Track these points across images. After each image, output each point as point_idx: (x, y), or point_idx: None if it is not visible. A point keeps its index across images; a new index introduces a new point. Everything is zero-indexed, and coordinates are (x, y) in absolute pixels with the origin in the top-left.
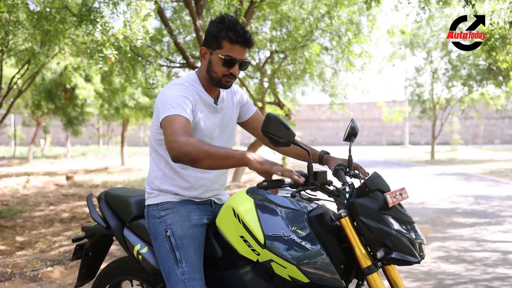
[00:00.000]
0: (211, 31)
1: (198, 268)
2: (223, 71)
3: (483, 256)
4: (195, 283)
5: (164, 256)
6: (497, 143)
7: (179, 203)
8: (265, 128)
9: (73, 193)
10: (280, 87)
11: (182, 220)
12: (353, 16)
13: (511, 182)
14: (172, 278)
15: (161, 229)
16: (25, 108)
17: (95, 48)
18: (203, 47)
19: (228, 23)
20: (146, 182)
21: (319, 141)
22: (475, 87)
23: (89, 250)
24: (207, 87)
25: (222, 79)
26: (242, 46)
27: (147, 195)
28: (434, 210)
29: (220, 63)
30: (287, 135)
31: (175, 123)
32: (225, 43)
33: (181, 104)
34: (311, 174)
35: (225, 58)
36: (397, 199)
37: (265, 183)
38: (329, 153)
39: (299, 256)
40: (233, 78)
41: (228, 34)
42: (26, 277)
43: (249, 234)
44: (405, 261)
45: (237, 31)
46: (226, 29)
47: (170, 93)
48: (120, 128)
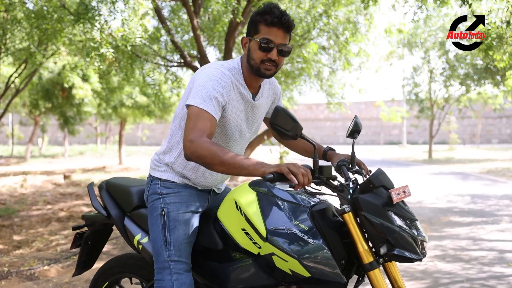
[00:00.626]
0: (251, 18)
1: (185, 252)
2: (261, 56)
3: (480, 255)
4: (180, 266)
5: (156, 235)
6: (495, 143)
7: (182, 186)
8: (273, 121)
9: (71, 192)
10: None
11: (180, 203)
12: (350, 15)
13: (508, 181)
14: (160, 258)
15: (158, 206)
16: (22, 107)
17: (92, 47)
18: (244, 37)
19: (265, 7)
20: (157, 153)
21: (316, 140)
22: (473, 86)
23: (89, 239)
24: (248, 79)
25: (260, 66)
26: (280, 29)
27: (154, 166)
28: (431, 209)
29: (257, 48)
30: (294, 128)
31: (200, 120)
32: (262, 27)
33: (211, 98)
34: (316, 168)
35: (261, 41)
36: (401, 196)
37: (271, 175)
38: (334, 150)
39: (301, 250)
40: (273, 65)
41: (264, 16)
42: (23, 275)
43: (251, 227)
44: (407, 258)
45: (274, 13)
46: (263, 12)
47: (209, 78)
48: (117, 127)
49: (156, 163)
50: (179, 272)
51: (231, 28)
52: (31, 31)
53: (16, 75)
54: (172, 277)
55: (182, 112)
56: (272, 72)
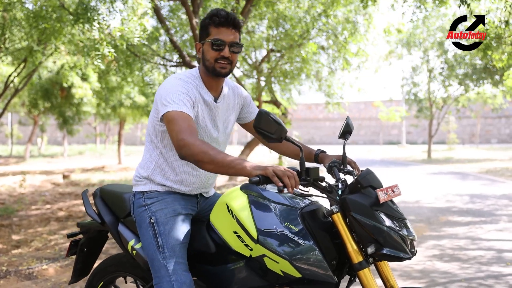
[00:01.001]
0: (201, 24)
1: (180, 253)
2: (214, 56)
3: (478, 255)
4: (176, 266)
5: (148, 243)
6: (494, 142)
7: (165, 193)
8: (257, 124)
9: (70, 192)
10: (277, 86)
11: (167, 208)
12: (349, 15)
13: (507, 181)
14: (155, 263)
15: (145, 217)
16: (21, 106)
17: (92, 46)
18: (197, 43)
19: (212, 11)
20: (136, 169)
21: (316, 140)
22: (472, 86)
23: (84, 246)
24: (207, 83)
25: (215, 65)
26: (228, 28)
27: (135, 182)
28: (429, 209)
29: (210, 48)
30: (278, 131)
31: (181, 121)
32: (211, 29)
33: (182, 100)
34: (303, 170)
35: (213, 41)
36: (389, 196)
37: (257, 178)
38: (325, 152)
39: (292, 252)
40: (227, 63)
41: (213, 19)
42: (21, 275)
43: (243, 230)
44: (396, 257)
45: (220, 14)
46: (210, 16)
47: (171, 87)
48: (117, 127)
49: (136, 178)
50: (178, 272)
51: None
52: (30, 31)
53: (15, 75)
54: (171, 278)
55: (153, 127)
56: (228, 70)
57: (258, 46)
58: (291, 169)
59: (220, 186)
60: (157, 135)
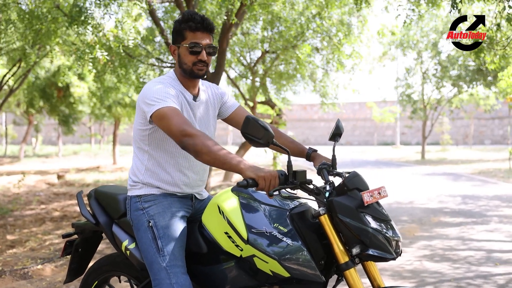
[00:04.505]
0: (174, 28)
1: (179, 256)
2: (192, 60)
3: (468, 255)
4: (176, 270)
5: (147, 246)
6: (487, 143)
7: (162, 196)
8: (245, 130)
9: (65, 192)
10: (272, 87)
11: (164, 211)
12: (343, 17)
13: (499, 182)
14: (155, 266)
15: (143, 220)
16: (17, 106)
17: (84, 51)
18: (172, 45)
19: (186, 15)
20: (129, 176)
21: (311, 140)
22: (465, 87)
23: (79, 246)
24: (185, 84)
25: (193, 68)
26: (204, 32)
27: (130, 186)
28: (422, 210)
29: (187, 53)
30: (266, 136)
31: (175, 115)
32: (187, 33)
33: (168, 97)
34: (290, 173)
35: (190, 46)
36: (375, 198)
37: (245, 182)
38: (317, 151)
39: (281, 252)
40: (204, 65)
41: (188, 23)
42: (16, 274)
43: (233, 230)
44: (381, 257)
45: (196, 19)
46: (185, 20)
47: (154, 89)
48: (111, 127)
49: (131, 183)
50: (177, 275)
51: (225, 29)
52: (25, 32)
53: (10, 75)
54: (171, 280)
55: (138, 134)
56: (204, 71)
57: (253, 47)
58: (279, 173)
59: (214, 187)
60: (143, 140)
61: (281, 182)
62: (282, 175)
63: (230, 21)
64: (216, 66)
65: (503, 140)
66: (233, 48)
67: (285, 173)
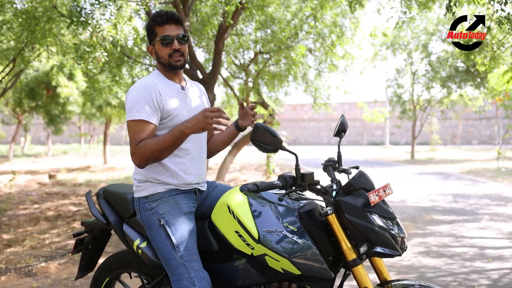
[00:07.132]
0: (147, 30)
1: (194, 250)
2: (167, 52)
3: (461, 251)
4: (194, 264)
5: (161, 244)
6: (475, 144)
7: (167, 193)
8: (254, 137)
9: (57, 191)
10: (264, 88)
11: (173, 209)
12: (336, 18)
13: (487, 181)
14: (172, 262)
15: (154, 220)
16: (5, 106)
17: (85, 50)
18: (148, 46)
19: (153, 14)
20: (133, 177)
21: (301, 140)
22: (454, 88)
23: (89, 244)
24: (169, 77)
25: (170, 60)
26: (171, 24)
27: (136, 188)
28: (414, 208)
29: (161, 46)
30: (274, 142)
31: (135, 131)
32: (157, 29)
33: (143, 106)
34: (298, 176)
35: (161, 38)
36: (380, 196)
37: (255, 187)
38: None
39: (291, 250)
40: (180, 55)
41: (155, 19)
42: (21, 272)
43: (244, 230)
44: (388, 254)
45: (161, 14)
46: (153, 18)
47: (133, 95)
48: (101, 127)
49: (136, 184)
50: (195, 268)
51: (221, 30)
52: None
53: (3, 75)
54: (191, 274)
55: None
56: (182, 61)
57: (246, 47)
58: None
59: None
60: None
61: (290, 185)
62: (291, 178)
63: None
64: (212, 67)
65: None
66: (227, 50)
67: (294, 176)
